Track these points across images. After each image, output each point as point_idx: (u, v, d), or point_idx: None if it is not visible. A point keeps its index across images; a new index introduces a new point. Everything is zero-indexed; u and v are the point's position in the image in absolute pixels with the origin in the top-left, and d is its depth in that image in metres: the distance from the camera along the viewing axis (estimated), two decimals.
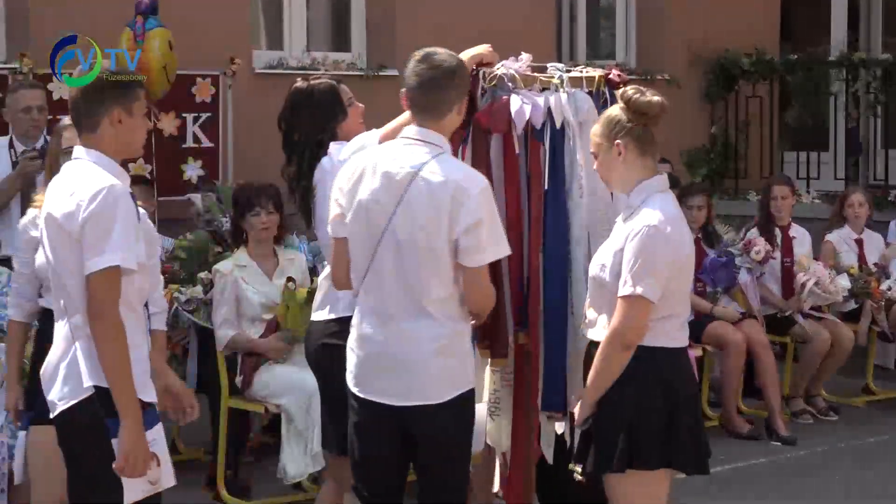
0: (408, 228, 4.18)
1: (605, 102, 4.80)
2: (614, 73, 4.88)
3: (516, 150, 4.63)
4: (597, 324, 4.37)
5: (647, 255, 4.22)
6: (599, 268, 4.35)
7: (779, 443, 7.95)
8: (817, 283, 8.37)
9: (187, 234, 7.31)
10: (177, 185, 8.47)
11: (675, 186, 6.53)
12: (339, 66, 9.68)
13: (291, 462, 6.32)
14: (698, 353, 7.73)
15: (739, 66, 11.80)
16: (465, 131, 4.70)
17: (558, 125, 4.68)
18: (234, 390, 6.70)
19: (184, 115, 8.62)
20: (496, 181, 4.69)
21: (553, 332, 4.69)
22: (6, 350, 5.35)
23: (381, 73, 9.87)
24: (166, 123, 8.57)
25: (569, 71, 4.84)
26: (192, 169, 8.66)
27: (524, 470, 4.83)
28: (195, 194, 7.98)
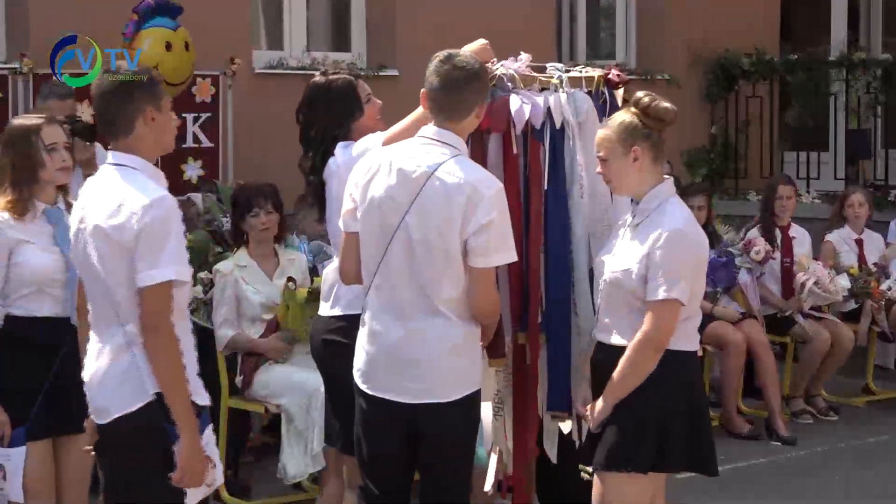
0: (421, 228, 4.19)
1: (604, 102, 4.80)
2: (613, 73, 4.88)
3: (514, 151, 4.62)
4: (615, 328, 4.39)
5: (678, 259, 4.28)
6: (622, 272, 4.35)
7: (779, 443, 7.96)
8: (817, 283, 8.38)
9: (187, 233, 7.29)
10: (177, 185, 8.45)
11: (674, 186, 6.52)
12: (339, 66, 9.67)
13: (291, 462, 6.32)
14: (699, 352, 7.73)
15: (739, 66, 11.80)
16: None
17: (558, 125, 4.67)
18: (234, 390, 6.70)
19: (184, 114, 8.60)
20: None
21: (556, 333, 4.68)
22: None
23: (381, 73, 9.86)
24: None
25: (568, 71, 4.84)
26: (192, 169, 8.65)
27: (524, 470, 4.82)
28: (195, 194, 7.98)
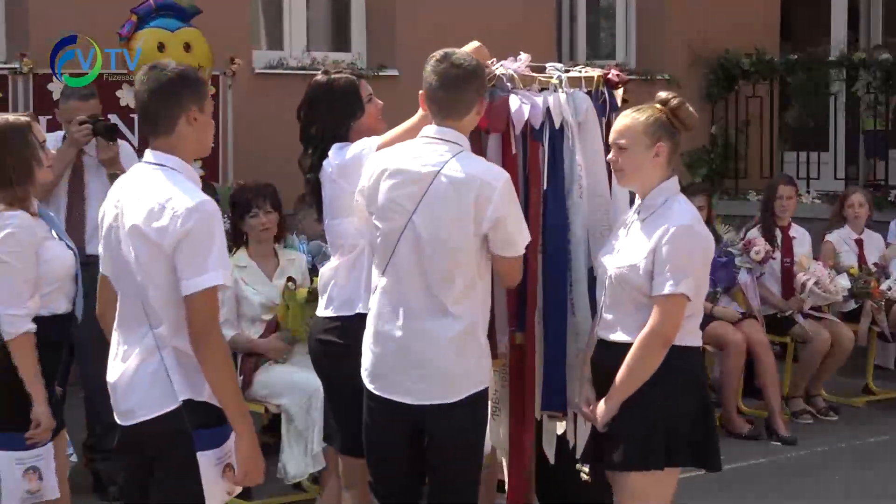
0: (430, 227, 4.21)
1: (603, 102, 4.81)
2: (613, 73, 4.88)
3: (513, 151, 4.63)
4: (619, 325, 4.39)
5: (686, 254, 4.29)
6: (629, 268, 4.35)
7: (779, 443, 7.95)
8: (817, 283, 8.37)
9: None
10: None
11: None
12: (339, 66, 9.68)
13: (291, 462, 6.32)
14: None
15: (739, 66, 11.81)
16: None
17: (557, 125, 4.67)
18: None
19: None
20: None
21: (554, 332, 4.68)
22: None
23: (381, 73, 9.87)
24: None
25: (567, 71, 4.84)
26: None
27: (523, 470, 4.82)
28: None
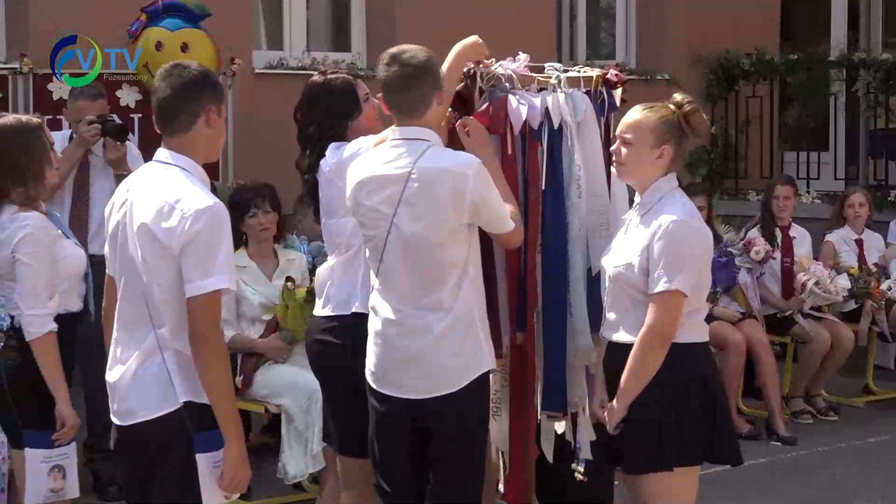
0: (411, 227, 4.24)
1: (602, 102, 4.80)
2: (612, 73, 4.88)
3: (509, 151, 4.63)
4: (620, 324, 4.39)
5: (678, 249, 4.27)
6: (625, 267, 4.36)
7: (779, 443, 7.96)
8: (817, 283, 8.37)
9: None
10: None
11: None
12: (339, 66, 9.68)
13: (291, 462, 6.32)
14: None
15: (739, 66, 11.80)
16: None
17: (556, 125, 4.68)
18: (234, 390, 6.68)
19: None
20: None
21: (553, 333, 4.69)
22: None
23: None
24: None
25: (566, 71, 4.84)
26: None
27: (523, 470, 4.82)
28: None
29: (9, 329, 4.92)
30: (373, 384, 4.41)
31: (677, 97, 4.47)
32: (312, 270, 6.89)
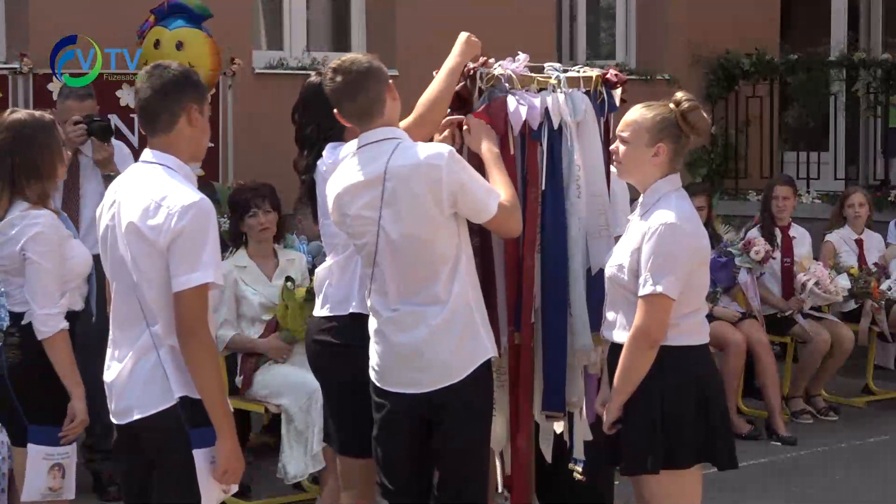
0: (397, 227, 4.26)
1: (602, 102, 4.80)
2: (611, 73, 4.87)
3: (511, 152, 4.63)
4: (616, 324, 4.39)
5: (666, 252, 4.24)
6: (617, 268, 4.36)
7: (779, 443, 7.96)
8: (817, 284, 8.37)
9: None
10: None
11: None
12: None
13: (291, 462, 6.32)
14: None
15: (739, 66, 11.80)
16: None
17: (556, 125, 4.67)
18: (234, 390, 6.70)
19: None
20: None
21: (552, 332, 4.68)
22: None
23: None
24: None
25: (566, 71, 4.84)
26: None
27: (524, 470, 4.82)
28: None
29: (9, 327, 4.92)
30: (377, 382, 4.42)
31: (677, 95, 4.46)
32: (312, 270, 6.89)
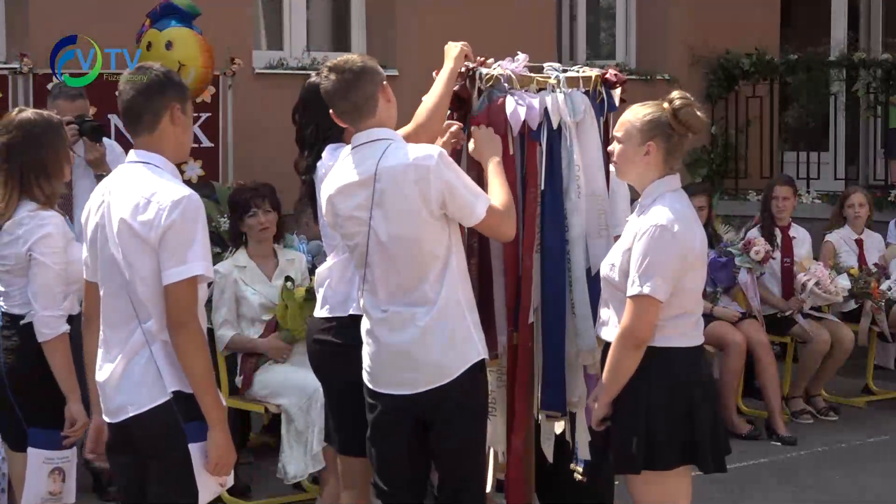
0: (387, 227, 4.27)
1: (601, 102, 4.80)
2: (611, 73, 4.88)
3: (510, 152, 4.63)
4: (608, 323, 4.40)
5: (654, 254, 4.23)
6: (609, 267, 4.38)
7: (779, 443, 7.96)
8: (817, 284, 8.37)
9: None
10: None
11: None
12: None
13: (291, 462, 6.32)
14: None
15: (740, 66, 11.80)
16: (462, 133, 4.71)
17: (555, 125, 4.68)
18: (234, 390, 6.70)
19: None
20: None
21: (552, 332, 4.69)
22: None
23: None
24: None
25: (565, 71, 4.84)
26: (192, 169, 8.65)
27: (524, 470, 4.82)
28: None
29: (7, 329, 4.90)
30: (369, 384, 4.42)
31: (672, 94, 4.44)
32: (312, 270, 6.89)
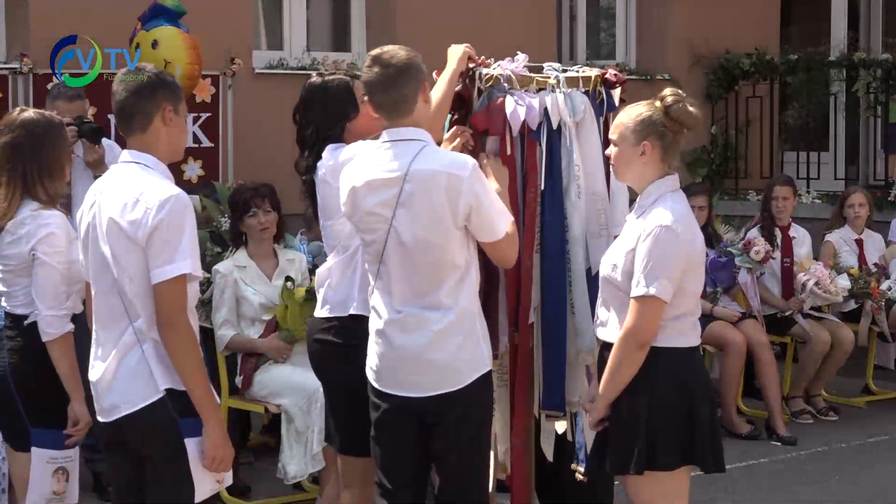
0: (409, 229, 4.23)
1: (601, 102, 4.80)
2: (610, 73, 4.88)
3: (508, 152, 4.63)
4: (608, 324, 4.39)
5: (659, 255, 4.23)
6: (611, 268, 4.36)
7: (779, 443, 7.96)
8: (817, 284, 8.37)
9: None
10: (177, 185, 8.45)
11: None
12: (339, 66, 9.68)
13: (291, 462, 6.32)
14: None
15: (740, 66, 11.80)
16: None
17: (555, 125, 4.68)
18: (234, 390, 6.71)
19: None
20: None
21: (552, 332, 4.69)
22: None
23: None
24: None
25: (565, 71, 4.84)
26: (192, 169, 8.66)
27: (524, 470, 4.82)
28: (193, 195, 7.97)
29: (11, 329, 4.90)
30: (374, 383, 4.41)
31: (665, 91, 4.42)
32: (312, 270, 6.89)
